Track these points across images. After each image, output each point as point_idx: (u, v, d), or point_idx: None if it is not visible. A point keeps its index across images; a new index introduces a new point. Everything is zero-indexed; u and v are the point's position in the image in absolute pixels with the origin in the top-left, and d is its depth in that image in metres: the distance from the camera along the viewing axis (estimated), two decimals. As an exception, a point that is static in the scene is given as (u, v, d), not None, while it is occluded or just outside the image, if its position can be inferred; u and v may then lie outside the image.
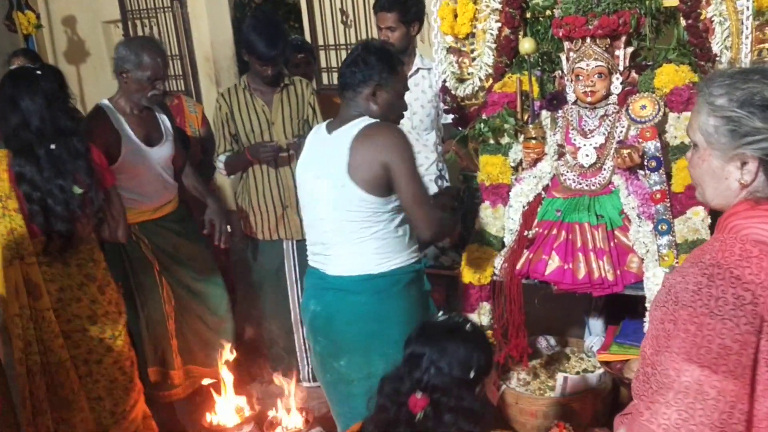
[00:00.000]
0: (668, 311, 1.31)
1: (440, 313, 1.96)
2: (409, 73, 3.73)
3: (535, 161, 2.62)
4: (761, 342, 1.25)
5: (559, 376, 2.70)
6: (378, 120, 2.33)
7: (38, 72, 2.52)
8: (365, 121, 2.32)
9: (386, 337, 2.29)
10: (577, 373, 2.81)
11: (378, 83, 2.31)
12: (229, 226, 3.36)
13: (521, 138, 2.66)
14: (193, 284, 3.34)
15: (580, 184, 2.53)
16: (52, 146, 2.47)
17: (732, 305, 1.24)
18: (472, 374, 1.77)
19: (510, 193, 2.63)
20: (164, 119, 3.23)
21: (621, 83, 2.50)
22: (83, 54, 6.02)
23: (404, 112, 2.47)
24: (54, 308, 2.52)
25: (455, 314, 1.95)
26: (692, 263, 1.32)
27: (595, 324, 3.04)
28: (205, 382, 3.40)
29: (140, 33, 5.57)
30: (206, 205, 3.33)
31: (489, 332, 2.58)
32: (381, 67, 2.33)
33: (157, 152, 3.15)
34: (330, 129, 2.40)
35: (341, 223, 2.35)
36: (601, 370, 2.70)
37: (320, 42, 5.19)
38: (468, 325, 1.86)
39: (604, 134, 2.51)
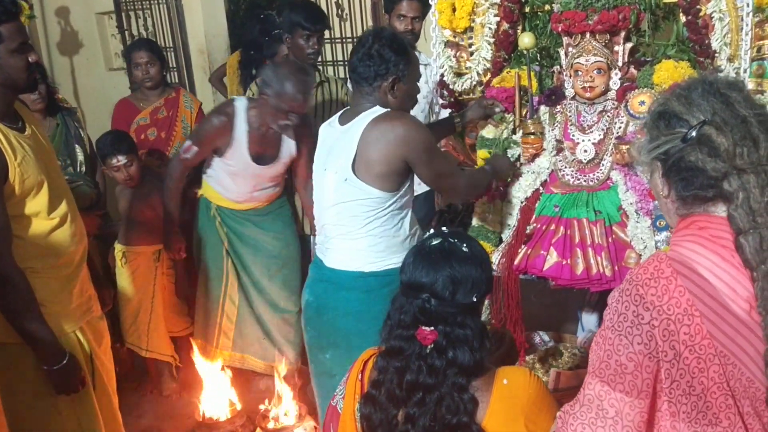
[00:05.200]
0: None
1: (430, 231, 1.80)
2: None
3: (534, 156, 2.61)
4: (660, 372, 1.24)
5: (552, 372, 2.70)
6: (388, 110, 2.30)
7: None
8: (375, 112, 2.30)
9: (372, 337, 2.09)
10: (570, 368, 2.81)
11: (396, 76, 2.29)
12: None
13: (520, 133, 2.65)
14: (260, 276, 3.32)
15: (579, 179, 2.52)
16: None
17: (630, 323, 1.24)
18: (474, 298, 1.64)
19: (508, 189, 2.62)
20: (290, 144, 3.14)
21: (620, 79, 2.49)
22: (76, 45, 5.97)
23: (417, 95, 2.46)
24: None
25: (449, 232, 1.75)
26: None
27: (589, 320, 3.05)
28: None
29: (134, 24, 5.52)
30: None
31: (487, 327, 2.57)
32: (398, 59, 2.29)
33: (262, 170, 3.11)
34: (342, 121, 2.39)
35: (340, 217, 2.35)
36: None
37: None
38: (464, 245, 1.68)
39: (602, 130, 2.50)
